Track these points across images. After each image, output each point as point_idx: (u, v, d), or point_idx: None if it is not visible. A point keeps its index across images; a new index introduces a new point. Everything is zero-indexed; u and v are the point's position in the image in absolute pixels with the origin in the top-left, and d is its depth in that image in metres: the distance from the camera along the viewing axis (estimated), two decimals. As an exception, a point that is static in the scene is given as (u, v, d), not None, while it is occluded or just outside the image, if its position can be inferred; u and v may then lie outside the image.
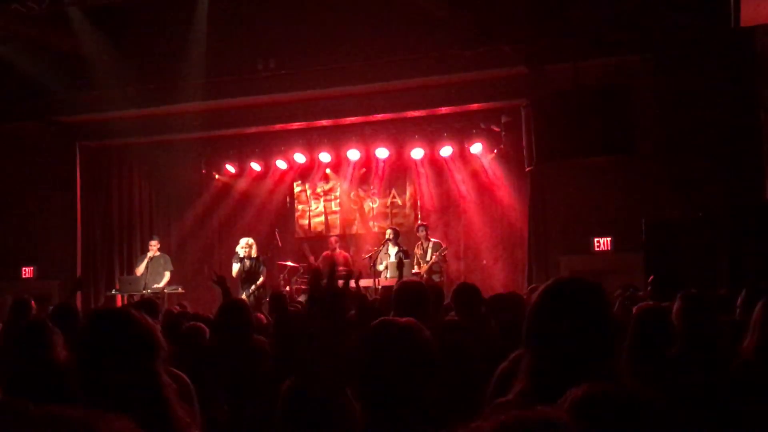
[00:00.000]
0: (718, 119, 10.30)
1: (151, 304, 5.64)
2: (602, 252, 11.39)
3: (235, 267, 11.94)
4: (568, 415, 1.25)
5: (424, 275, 12.09)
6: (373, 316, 4.94)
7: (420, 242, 12.59)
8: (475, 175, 13.62)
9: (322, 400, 1.35)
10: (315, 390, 1.40)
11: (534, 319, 2.12)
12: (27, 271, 13.69)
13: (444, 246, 12.49)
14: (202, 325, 4.69)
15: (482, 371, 3.47)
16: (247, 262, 11.87)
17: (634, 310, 3.75)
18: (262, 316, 7.73)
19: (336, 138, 13.72)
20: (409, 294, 4.22)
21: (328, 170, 14.59)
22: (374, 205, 14.52)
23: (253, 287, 11.83)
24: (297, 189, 15.00)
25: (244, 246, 11.94)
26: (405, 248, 12.38)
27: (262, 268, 11.98)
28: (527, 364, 2.08)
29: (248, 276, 11.89)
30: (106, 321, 2.19)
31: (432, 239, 12.56)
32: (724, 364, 3.02)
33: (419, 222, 13.15)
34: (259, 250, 12.18)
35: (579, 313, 2.05)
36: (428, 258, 12.29)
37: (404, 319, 2.23)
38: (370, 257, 12.08)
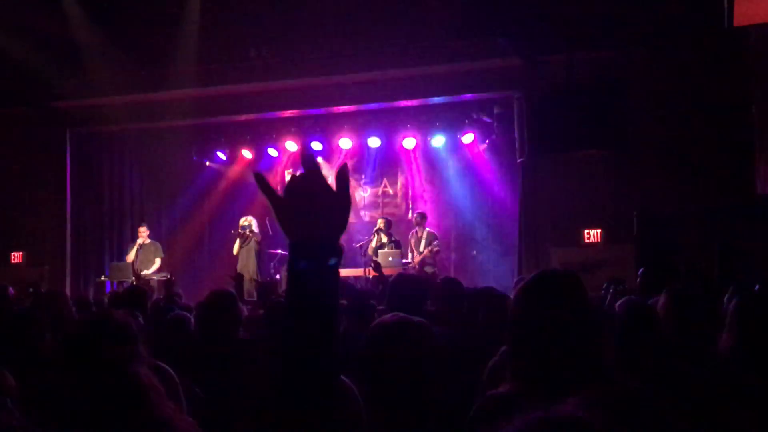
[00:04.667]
0: (711, 114, 10.32)
1: (139, 293, 5.59)
2: (593, 244, 11.41)
3: (237, 245, 12.71)
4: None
5: (416, 266, 12.08)
6: (363, 303, 4.95)
7: (415, 230, 12.55)
8: (466, 165, 13.61)
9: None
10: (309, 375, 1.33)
11: (511, 319, 2.05)
12: (16, 257, 13.62)
13: (437, 238, 12.42)
14: (187, 315, 4.66)
15: (468, 365, 3.48)
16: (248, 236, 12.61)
17: (617, 305, 3.75)
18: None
19: (328, 126, 13.70)
20: (405, 286, 4.25)
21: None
22: (365, 195, 14.51)
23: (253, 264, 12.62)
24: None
25: (244, 222, 12.70)
26: (396, 238, 12.37)
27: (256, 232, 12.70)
28: (510, 363, 2.04)
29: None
30: (86, 327, 2.18)
31: (427, 228, 12.51)
32: (705, 361, 3.03)
33: (416, 211, 13.03)
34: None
35: (555, 310, 1.95)
36: (421, 249, 12.27)
37: (417, 319, 2.17)
38: (361, 246, 12.07)
